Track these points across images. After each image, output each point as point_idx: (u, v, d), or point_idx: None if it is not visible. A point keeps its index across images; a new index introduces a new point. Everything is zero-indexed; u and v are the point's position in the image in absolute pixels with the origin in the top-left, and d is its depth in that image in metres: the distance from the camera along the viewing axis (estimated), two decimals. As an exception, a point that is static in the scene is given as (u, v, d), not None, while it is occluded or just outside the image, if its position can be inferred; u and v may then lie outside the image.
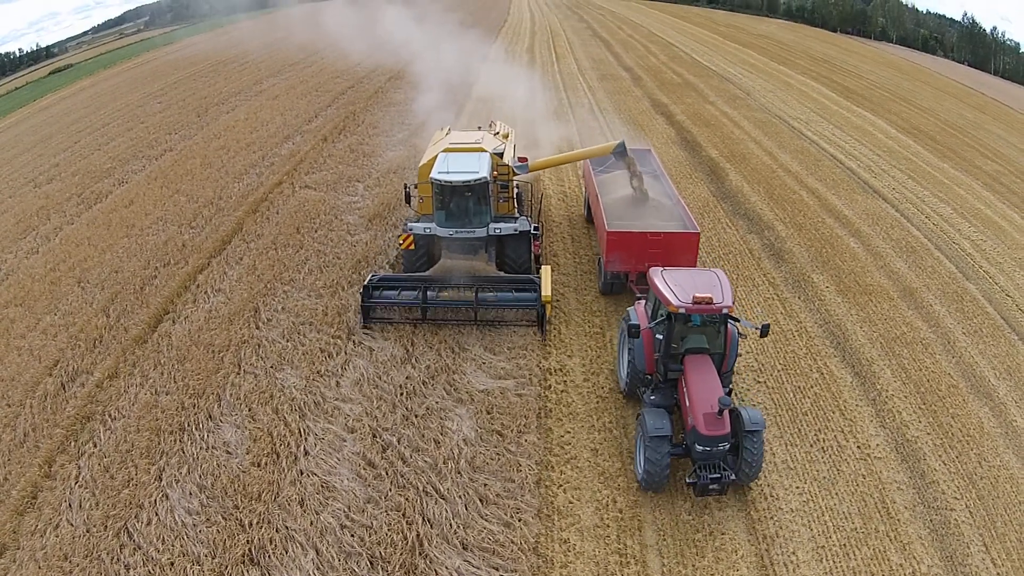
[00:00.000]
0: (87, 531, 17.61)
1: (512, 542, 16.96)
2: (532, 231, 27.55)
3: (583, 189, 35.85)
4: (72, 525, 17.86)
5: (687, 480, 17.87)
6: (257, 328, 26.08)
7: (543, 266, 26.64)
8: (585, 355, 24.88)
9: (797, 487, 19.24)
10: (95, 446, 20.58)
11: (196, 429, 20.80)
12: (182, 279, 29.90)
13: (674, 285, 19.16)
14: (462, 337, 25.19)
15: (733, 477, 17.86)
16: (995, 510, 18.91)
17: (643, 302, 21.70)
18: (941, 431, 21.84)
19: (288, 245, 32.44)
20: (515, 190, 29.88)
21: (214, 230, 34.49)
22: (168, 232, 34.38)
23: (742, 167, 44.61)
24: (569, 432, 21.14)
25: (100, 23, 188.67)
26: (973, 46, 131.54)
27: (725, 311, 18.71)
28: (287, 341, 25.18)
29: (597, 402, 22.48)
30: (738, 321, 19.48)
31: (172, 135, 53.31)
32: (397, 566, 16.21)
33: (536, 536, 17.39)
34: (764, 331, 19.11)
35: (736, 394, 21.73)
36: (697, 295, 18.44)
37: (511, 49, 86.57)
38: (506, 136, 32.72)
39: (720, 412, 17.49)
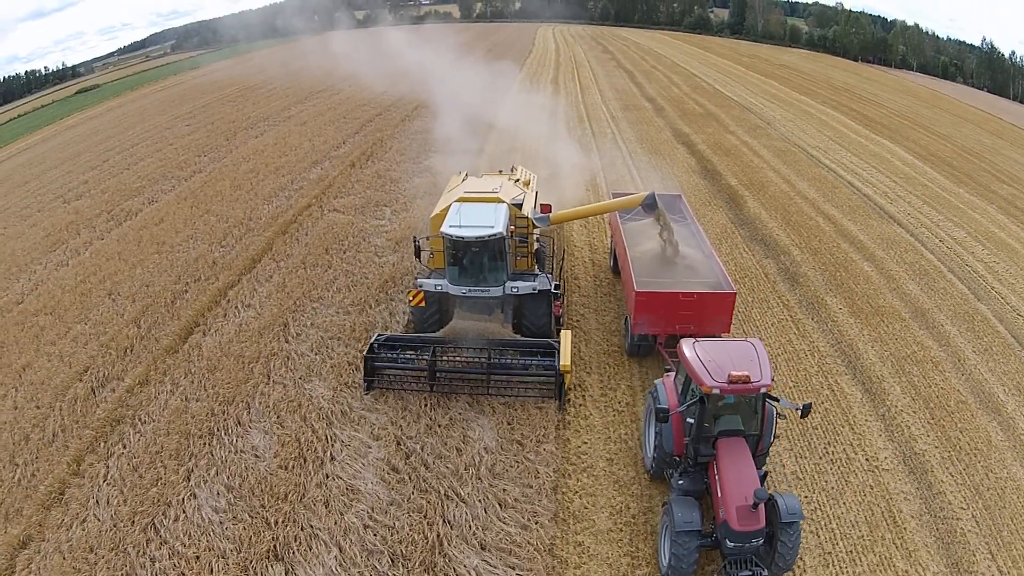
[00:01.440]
0: (114, 525, 18.43)
1: (528, 543, 17.62)
2: (553, 290, 25.17)
3: (609, 237, 33.71)
4: (99, 520, 18.69)
5: None
6: (286, 342, 26.91)
7: (563, 331, 24.02)
8: (603, 371, 25.35)
9: (805, 496, 19.73)
10: (124, 447, 21.46)
11: (225, 434, 21.63)
12: (213, 294, 30.82)
13: (707, 361, 17.21)
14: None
15: (765, 573, 16.25)
16: (1002, 520, 19.32)
17: (672, 375, 19.80)
18: (949, 444, 22.30)
19: (317, 265, 33.29)
20: (535, 244, 27.74)
21: (244, 249, 35.47)
22: (199, 250, 35.41)
23: (760, 194, 45.23)
24: (586, 443, 21.68)
25: (126, 45, 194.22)
26: (992, 72, 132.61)
27: (763, 390, 16.99)
28: (315, 354, 25.99)
29: (613, 415, 23.02)
30: (777, 401, 17.58)
31: (201, 157, 54.69)
32: (417, 563, 16.92)
33: (552, 538, 18.00)
34: (805, 411, 17.24)
35: (771, 477, 20.16)
36: (733, 373, 16.62)
37: (536, 80, 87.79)
38: (527, 183, 30.75)
39: (755, 505, 15.91)
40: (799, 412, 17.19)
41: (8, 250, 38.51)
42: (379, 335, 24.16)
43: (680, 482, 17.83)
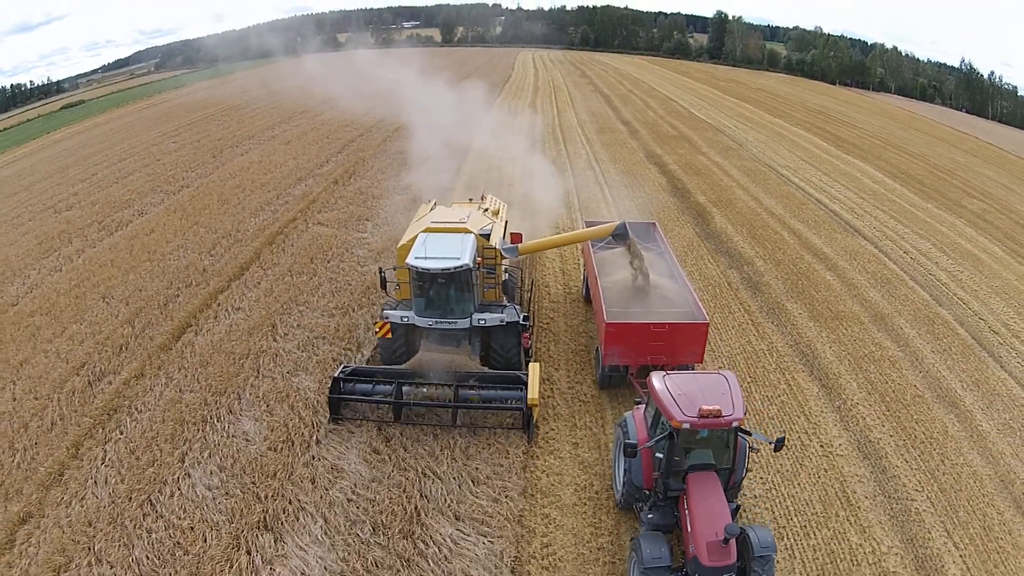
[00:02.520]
0: (112, 502, 19.64)
1: (499, 514, 19.00)
2: (521, 322, 24.67)
3: (582, 266, 33.45)
4: (97, 498, 19.88)
5: None
6: (275, 340, 28.32)
7: (532, 363, 23.70)
8: (570, 367, 26.78)
9: (760, 478, 20.97)
10: (121, 433, 22.72)
11: (218, 421, 22.95)
12: (204, 298, 32.16)
13: (678, 394, 16.90)
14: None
15: None
16: (957, 501, 20.52)
17: (642, 407, 19.43)
18: (904, 434, 23.63)
19: (303, 272, 34.81)
20: (504, 275, 27.29)
21: (233, 258, 36.88)
22: (188, 258, 36.76)
23: (727, 210, 46.85)
24: (553, 430, 23.07)
25: (110, 62, 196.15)
26: (971, 92, 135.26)
27: (735, 424, 16.61)
28: (302, 352, 27.43)
29: (579, 406, 24.45)
30: (749, 434, 17.54)
31: (189, 172, 56.01)
32: (397, 531, 18.28)
33: (520, 511, 19.35)
34: (778, 445, 17.16)
35: (743, 510, 19.90)
36: (704, 408, 16.28)
37: (513, 104, 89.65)
38: (496, 212, 30.23)
39: (726, 540, 15.62)
40: (772, 446, 17.16)
41: (1, 256, 39.56)
42: (344, 367, 23.83)
43: (650, 516, 17.59)
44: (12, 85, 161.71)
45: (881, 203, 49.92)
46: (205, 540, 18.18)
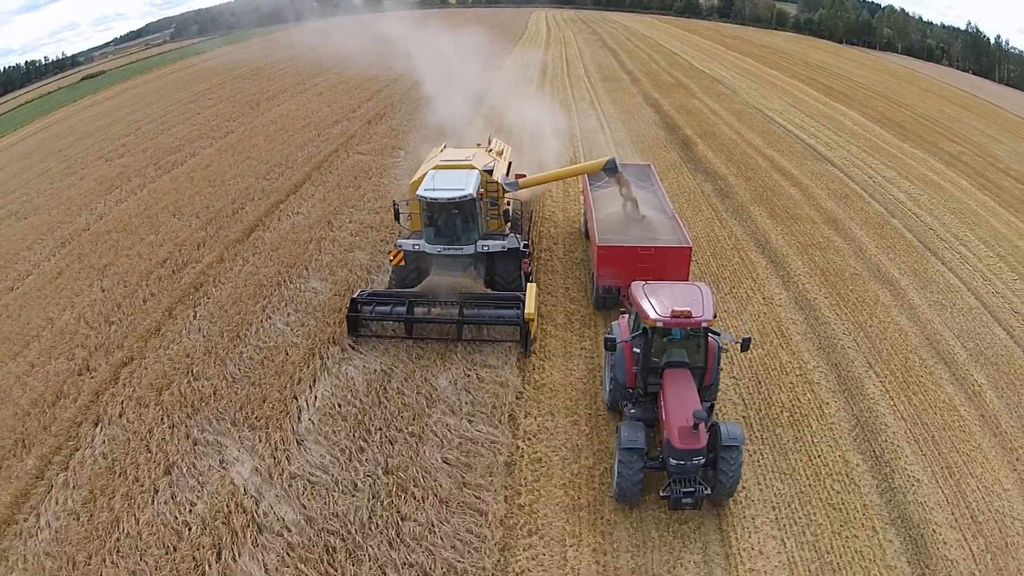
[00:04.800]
0: (206, 340, 25.61)
1: (495, 408, 22.00)
2: (522, 248, 27.18)
3: (582, 206, 35.45)
4: (192, 340, 25.73)
5: (661, 494, 17.58)
6: (331, 231, 34.72)
7: (529, 283, 26.31)
8: (568, 292, 29.39)
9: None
10: (209, 298, 28.74)
11: (290, 283, 29.38)
12: (266, 207, 38.25)
13: (654, 299, 18.86)
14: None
15: (708, 492, 17.55)
16: (881, 346, 25.41)
17: (627, 316, 21.47)
18: (838, 297, 28.90)
19: (349, 186, 41.30)
20: (507, 208, 29.17)
21: (287, 180, 42.97)
22: (247, 182, 42.81)
23: (711, 141, 52.42)
24: (549, 344, 25.68)
25: (121, 35, 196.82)
26: (977, 55, 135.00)
27: (704, 325, 18.38)
28: (355, 237, 33.90)
29: (574, 324, 27.10)
30: (718, 334, 19.29)
31: (231, 122, 61.63)
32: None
33: (514, 401, 22.58)
34: (745, 345, 18.80)
35: (719, 410, 22.01)
36: (676, 309, 18.08)
37: (526, 58, 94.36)
38: (500, 153, 32.62)
39: (695, 426, 17.03)
40: (739, 345, 18.97)
41: (64, 196, 43.83)
42: (361, 291, 26.30)
43: (632, 411, 19.21)
44: (27, 62, 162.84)
45: (857, 140, 53.96)
46: (287, 354, 24.50)
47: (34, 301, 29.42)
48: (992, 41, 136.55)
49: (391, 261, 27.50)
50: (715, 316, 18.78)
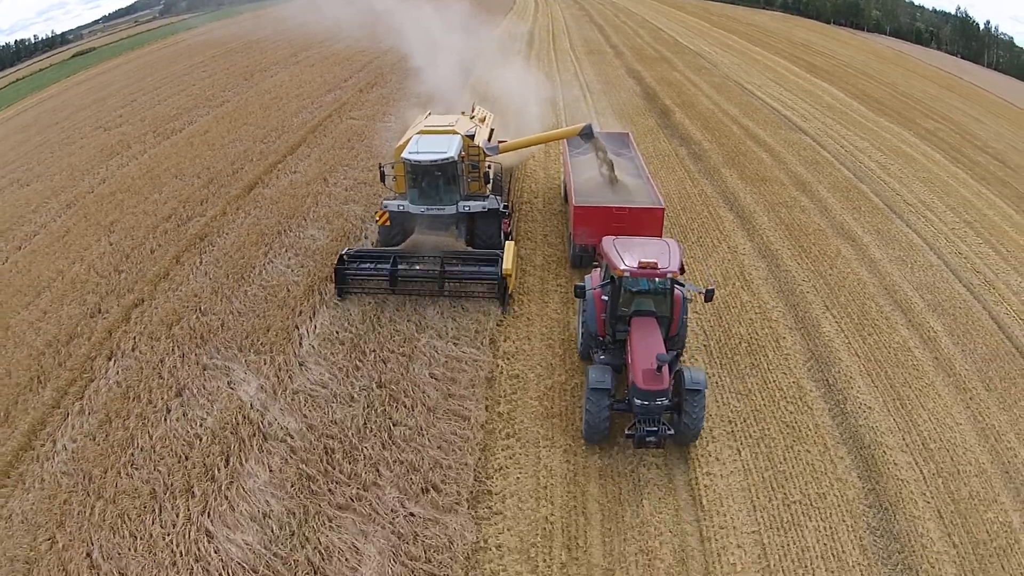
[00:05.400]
0: (212, 281, 27.80)
1: (478, 333, 24.55)
2: (501, 209, 28.33)
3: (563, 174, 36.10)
4: (199, 282, 27.87)
5: (626, 432, 18.47)
6: (328, 186, 36.92)
7: (507, 242, 27.29)
8: (546, 252, 30.74)
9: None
10: (213, 246, 30.83)
11: (290, 231, 31.58)
12: (265, 167, 40.21)
13: (624, 251, 19.87)
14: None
15: (670, 432, 18.34)
16: (839, 292, 27.63)
17: (599, 269, 22.43)
18: (800, 249, 31.00)
19: (343, 148, 43.41)
20: (487, 171, 30.08)
21: (284, 143, 44.90)
22: (245, 145, 44.68)
23: (688, 110, 54.38)
24: (527, 296, 27.27)
25: (110, 12, 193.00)
26: (966, 39, 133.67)
27: (669, 276, 19.30)
28: (349, 192, 36.08)
29: (551, 281, 28.51)
30: (683, 285, 20.12)
31: (226, 92, 63.04)
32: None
33: (495, 327, 25.04)
34: (709, 296, 19.84)
35: (686, 359, 23.18)
36: (642, 260, 19.06)
37: (513, 32, 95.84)
38: (483, 120, 33.95)
39: (659, 368, 17.89)
40: (703, 296, 20.15)
41: (65, 164, 45.03)
42: (348, 249, 27.46)
43: (602, 357, 20.37)
44: (17, 41, 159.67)
45: (833, 113, 55.16)
46: (288, 291, 26.78)
47: (43, 257, 30.95)
48: (982, 27, 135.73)
49: (377, 221, 28.73)
50: (683, 271, 19.90)
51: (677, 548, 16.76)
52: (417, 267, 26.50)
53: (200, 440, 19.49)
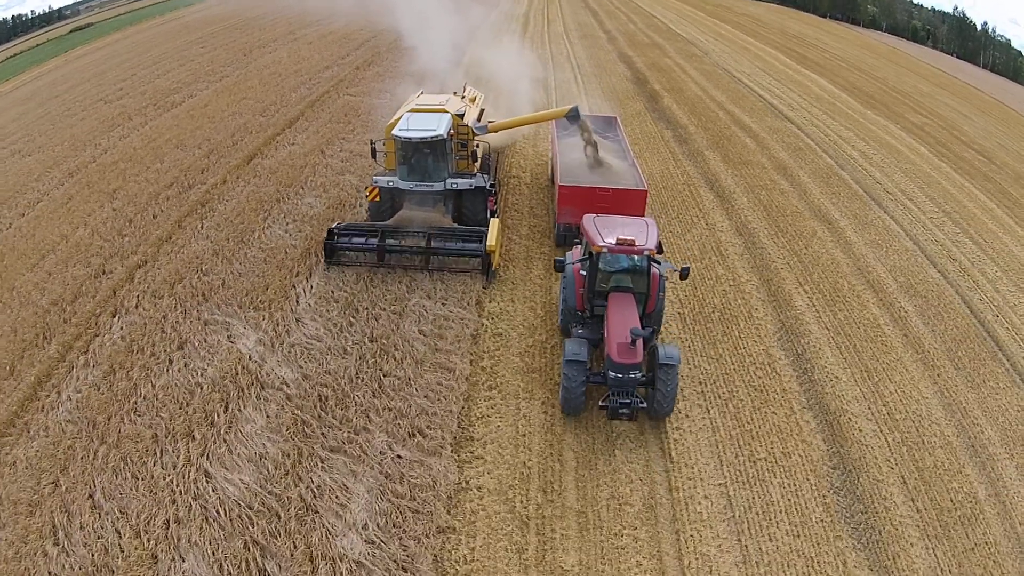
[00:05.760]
0: (213, 244, 28.89)
1: (464, 296, 25.86)
2: (488, 187, 28.77)
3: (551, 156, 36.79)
4: (200, 245, 28.92)
5: (600, 404, 19.29)
6: (324, 158, 38.00)
7: (492, 219, 27.89)
8: (531, 232, 31.39)
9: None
10: (215, 212, 31.93)
11: (288, 199, 32.73)
12: (264, 139, 41.26)
13: (602, 228, 20.46)
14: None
15: (643, 404, 19.03)
16: (813, 270, 28.82)
17: (579, 246, 22.64)
18: (777, 229, 32.25)
19: (340, 122, 44.49)
20: (475, 149, 30.76)
21: (282, 116, 45.90)
22: (245, 118, 45.60)
23: (677, 96, 55.41)
24: (510, 272, 28.12)
25: None
26: (963, 39, 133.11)
27: (646, 253, 19.83)
28: (345, 163, 37.17)
29: (534, 258, 29.30)
30: (659, 263, 20.56)
31: (226, 67, 63.49)
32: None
33: (481, 291, 26.25)
34: (684, 274, 20.59)
35: (663, 336, 23.70)
36: (620, 237, 19.65)
37: (509, 14, 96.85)
38: (473, 100, 34.41)
39: (633, 342, 18.43)
40: (678, 274, 20.77)
41: (67, 135, 44.80)
42: (338, 224, 28.26)
43: (580, 331, 20.86)
44: (13, 16, 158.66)
45: (820, 104, 55.29)
46: (286, 253, 28.03)
47: (47, 222, 31.38)
48: (979, 27, 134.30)
49: (367, 197, 29.37)
50: (661, 250, 20.60)
51: (646, 495, 17.97)
52: (404, 242, 27.21)
53: (201, 388, 20.67)
